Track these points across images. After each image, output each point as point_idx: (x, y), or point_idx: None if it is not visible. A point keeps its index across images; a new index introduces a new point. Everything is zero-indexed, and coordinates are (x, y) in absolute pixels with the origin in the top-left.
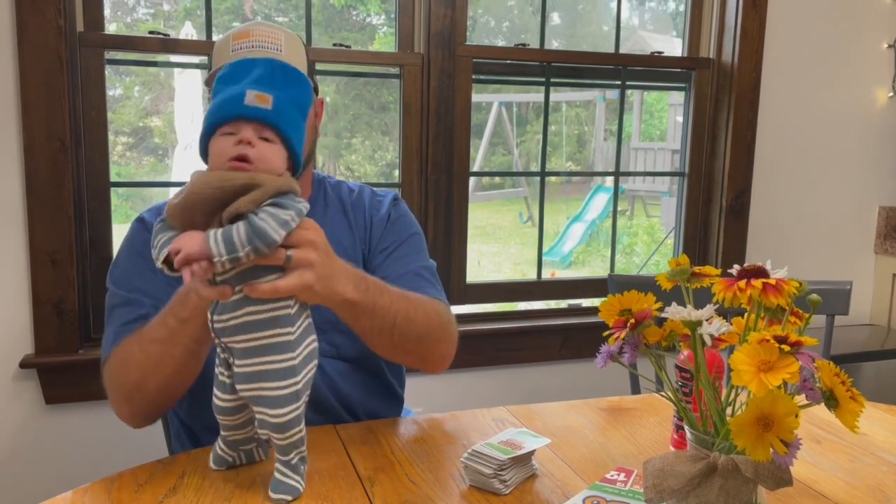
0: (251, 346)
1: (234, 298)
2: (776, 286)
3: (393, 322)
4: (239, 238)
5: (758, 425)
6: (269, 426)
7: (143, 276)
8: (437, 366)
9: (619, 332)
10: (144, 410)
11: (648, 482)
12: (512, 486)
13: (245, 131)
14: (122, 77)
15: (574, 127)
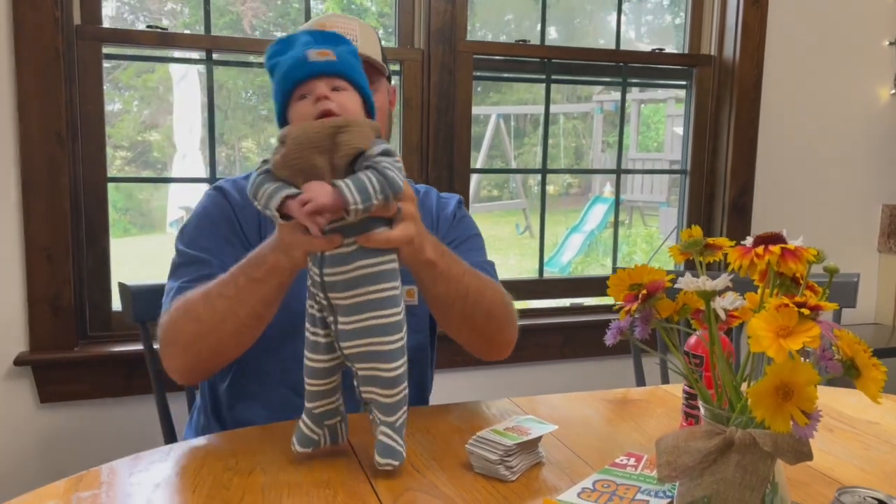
0: (362, 300)
1: (345, 251)
2: (795, 252)
3: (466, 292)
4: (372, 186)
5: (777, 395)
6: (381, 382)
7: (215, 240)
8: (501, 349)
9: (630, 304)
10: (197, 365)
11: (662, 459)
12: (518, 473)
13: (318, 87)
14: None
15: (572, 139)
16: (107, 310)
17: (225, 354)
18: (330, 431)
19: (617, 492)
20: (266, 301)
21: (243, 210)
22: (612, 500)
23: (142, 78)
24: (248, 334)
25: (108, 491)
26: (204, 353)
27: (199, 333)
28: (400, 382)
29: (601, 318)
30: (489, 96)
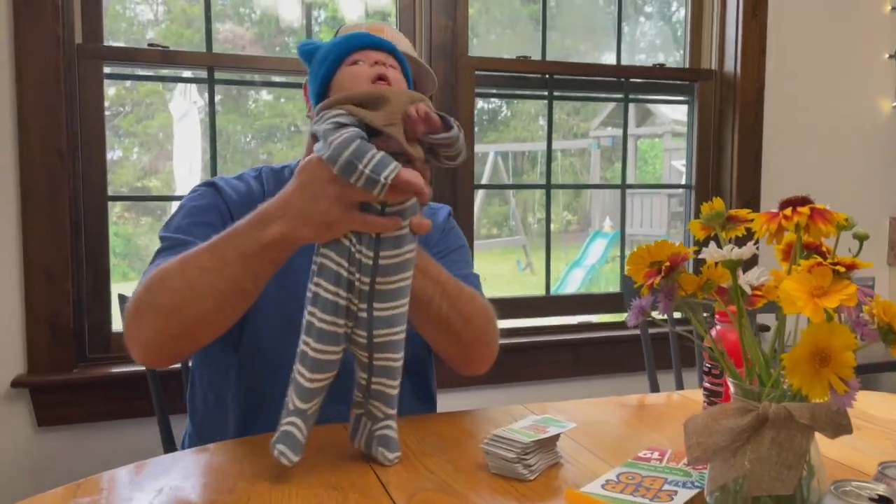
0: (401, 286)
1: (398, 234)
2: (824, 213)
3: (442, 290)
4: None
5: (813, 361)
6: (390, 372)
7: (203, 228)
8: (479, 362)
9: (653, 279)
10: (165, 344)
11: (691, 440)
12: (537, 472)
13: (377, 55)
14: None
15: (570, 176)
16: (106, 331)
17: (200, 334)
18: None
19: (643, 483)
20: (256, 278)
21: (239, 208)
22: (639, 491)
23: (142, 124)
24: (228, 312)
25: (107, 497)
26: (177, 329)
27: (173, 307)
28: (400, 374)
29: (613, 334)
30: (486, 135)
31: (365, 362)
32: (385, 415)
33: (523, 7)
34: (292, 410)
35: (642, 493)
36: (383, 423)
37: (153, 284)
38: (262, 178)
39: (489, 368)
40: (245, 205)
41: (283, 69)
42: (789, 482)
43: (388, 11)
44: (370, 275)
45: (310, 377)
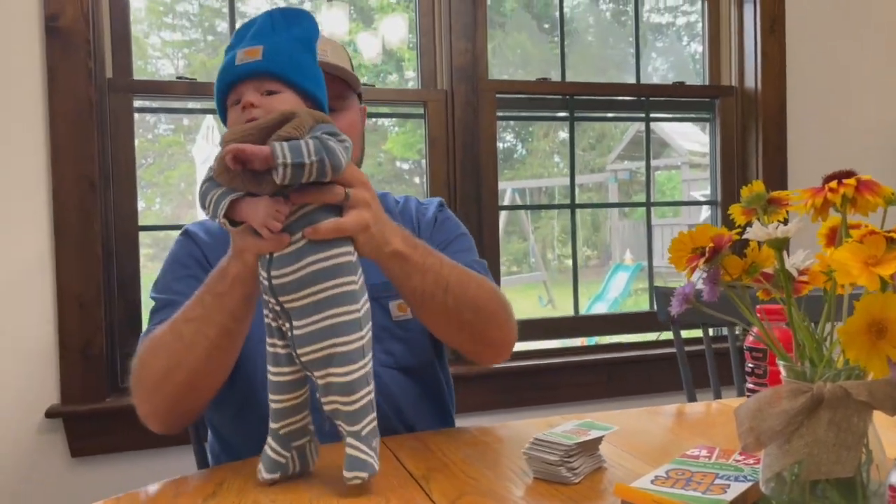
0: (316, 299)
1: (292, 249)
2: (871, 184)
3: (445, 284)
4: (307, 148)
5: (870, 333)
6: (338, 388)
7: (185, 281)
8: (497, 350)
9: (696, 262)
10: (171, 407)
11: (744, 426)
12: (581, 476)
13: (245, 94)
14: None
15: (588, 210)
16: None
17: (201, 388)
18: (298, 454)
19: (693, 478)
20: (234, 315)
21: (213, 250)
22: (690, 485)
23: (164, 175)
24: (220, 358)
25: None
26: (177, 389)
27: (168, 367)
28: (360, 387)
29: (647, 353)
30: (503, 173)
31: (315, 382)
32: (347, 432)
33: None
34: (269, 432)
35: (693, 486)
36: (347, 441)
37: (145, 356)
38: None
39: (510, 353)
40: (220, 244)
41: None
42: (849, 464)
43: (408, 41)
44: (272, 294)
45: (271, 398)
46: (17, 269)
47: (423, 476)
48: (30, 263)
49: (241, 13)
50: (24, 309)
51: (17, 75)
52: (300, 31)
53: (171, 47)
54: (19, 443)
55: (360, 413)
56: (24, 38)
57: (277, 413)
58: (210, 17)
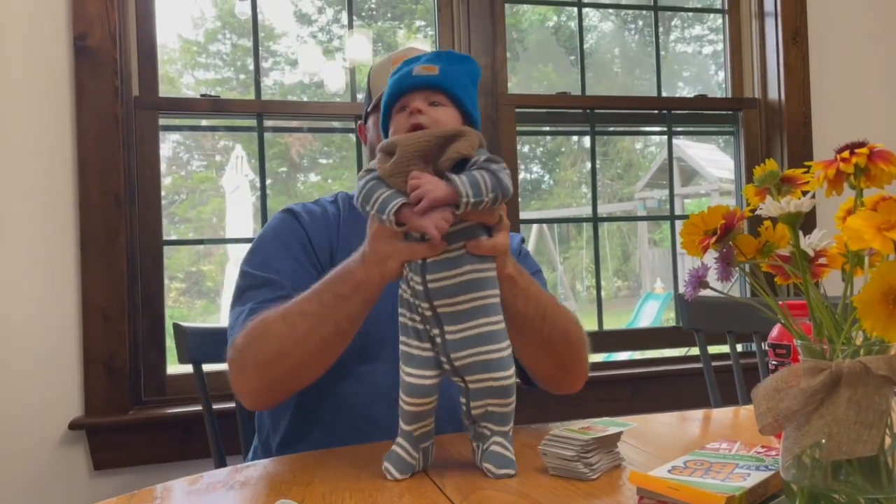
0: (471, 306)
1: (451, 256)
2: (885, 154)
3: (543, 311)
4: (485, 183)
5: (886, 302)
6: (496, 392)
7: (287, 261)
8: (576, 379)
9: (707, 241)
10: (272, 387)
11: (761, 407)
12: (599, 472)
13: (414, 101)
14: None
15: (617, 240)
16: (161, 375)
17: (303, 375)
18: (424, 455)
19: (712, 468)
20: (351, 317)
21: (316, 232)
22: (709, 475)
23: (196, 210)
24: (329, 353)
25: (161, 503)
26: (282, 373)
27: (279, 353)
28: (513, 392)
29: (672, 368)
30: (530, 204)
31: (462, 387)
32: (494, 432)
33: (560, 45)
34: (400, 432)
35: (712, 475)
36: (493, 440)
37: (256, 335)
38: (339, 202)
39: (582, 386)
40: (321, 227)
41: (327, 113)
42: (871, 442)
43: None
44: (426, 299)
45: (408, 401)
46: (43, 282)
47: (438, 473)
48: (56, 276)
49: (271, 51)
50: (50, 321)
51: (46, 93)
52: (469, 67)
53: (205, 86)
54: (42, 454)
55: (510, 416)
56: (53, 57)
57: (413, 416)
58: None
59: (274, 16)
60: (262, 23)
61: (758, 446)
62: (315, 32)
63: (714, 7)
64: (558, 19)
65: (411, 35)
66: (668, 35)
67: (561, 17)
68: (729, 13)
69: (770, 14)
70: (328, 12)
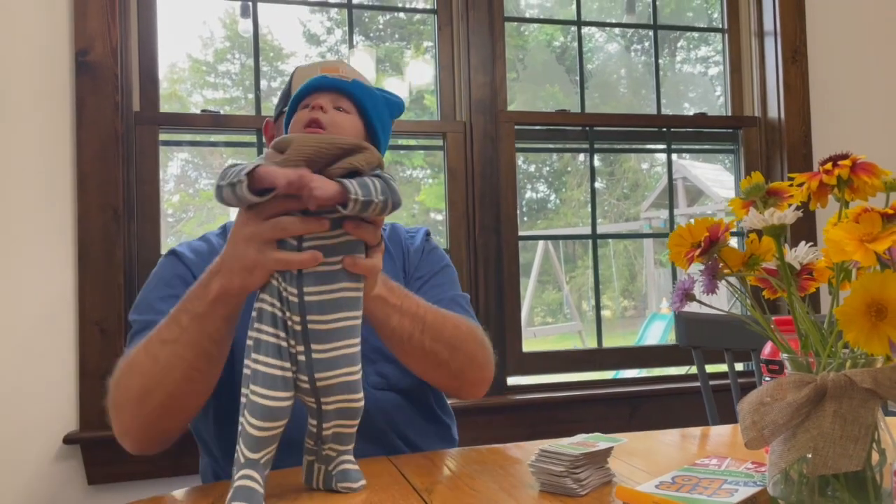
0: (342, 325)
1: (329, 269)
2: (867, 166)
3: (422, 325)
4: (374, 186)
5: (869, 314)
6: (349, 413)
7: (169, 301)
8: (473, 387)
9: (692, 253)
10: (147, 428)
11: (746, 421)
12: (589, 488)
13: (320, 99)
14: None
15: (623, 259)
16: None
17: (178, 410)
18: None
19: (700, 483)
20: (213, 338)
21: (201, 268)
22: (696, 490)
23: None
24: (199, 381)
25: None
26: (154, 409)
27: (144, 388)
28: (360, 412)
29: (671, 386)
30: (536, 224)
31: (314, 408)
32: (341, 451)
33: (566, 67)
34: (244, 463)
35: (700, 491)
36: (339, 460)
37: (121, 376)
38: (226, 232)
39: (486, 391)
40: (206, 262)
41: None
42: (857, 457)
43: (429, 88)
44: (299, 312)
45: (260, 426)
46: (40, 295)
47: (427, 489)
48: (53, 290)
49: (279, 70)
50: (46, 335)
51: (46, 107)
52: (392, 98)
53: (213, 105)
54: (37, 468)
55: (353, 436)
56: (54, 72)
57: (261, 441)
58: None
59: (283, 36)
60: (272, 43)
61: (748, 462)
62: (324, 53)
63: (714, 26)
64: (564, 40)
65: (419, 55)
66: (674, 57)
67: (567, 38)
68: (728, 32)
69: (770, 33)
70: (336, 33)
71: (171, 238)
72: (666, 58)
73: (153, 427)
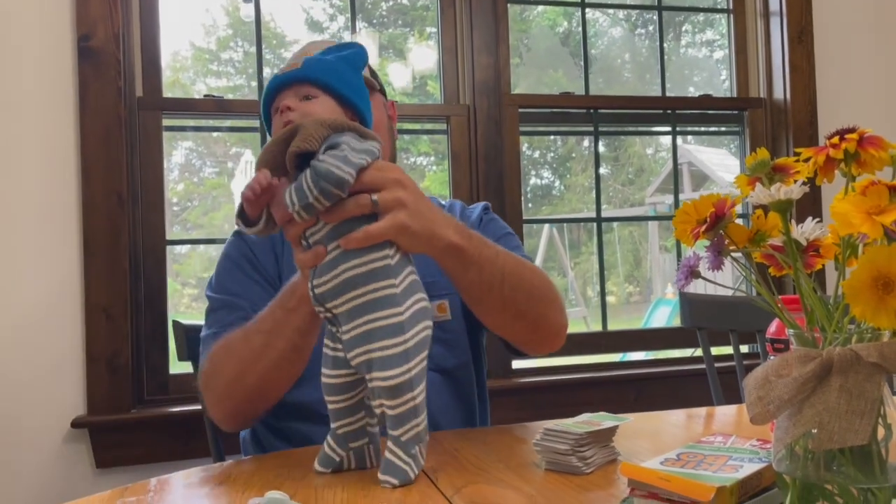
0: (354, 305)
1: (330, 257)
2: (875, 139)
3: (501, 275)
4: (306, 184)
5: (876, 287)
6: (381, 392)
7: (240, 282)
8: (552, 337)
9: (698, 229)
10: (240, 407)
11: (752, 397)
12: (594, 466)
13: (284, 99)
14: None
15: (628, 245)
16: (164, 374)
17: (267, 393)
18: (356, 455)
19: (705, 460)
20: (301, 330)
21: (262, 249)
22: (701, 466)
23: (208, 216)
24: (287, 368)
25: (153, 497)
26: (246, 393)
27: (239, 372)
28: (402, 392)
29: (676, 368)
30: (540, 210)
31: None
32: (389, 435)
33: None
34: (330, 429)
35: (704, 467)
36: (387, 443)
37: (220, 357)
38: None
39: (564, 340)
40: (266, 244)
41: None
42: (863, 431)
43: (432, 73)
44: (317, 302)
45: (327, 399)
46: (46, 281)
47: (432, 468)
48: (59, 275)
49: (282, 58)
50: (53, 320)
51: (49, 93)
52: (347, 52)
53: (217, 92)
54: (45, 452)
55: (402, 417)
56: (56, 58)
57: (333, 413)
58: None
59: (286, 23)
60: (274, 30)
61: (753, 440)
62: None
63: (719, 7)
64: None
65: (422, 41)
66: (679, 41)
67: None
68: (734, 12)
69: (775, 13)
70: (339, 19)
71: (176, 227)
72: (671, 42)
73: (245, 408)
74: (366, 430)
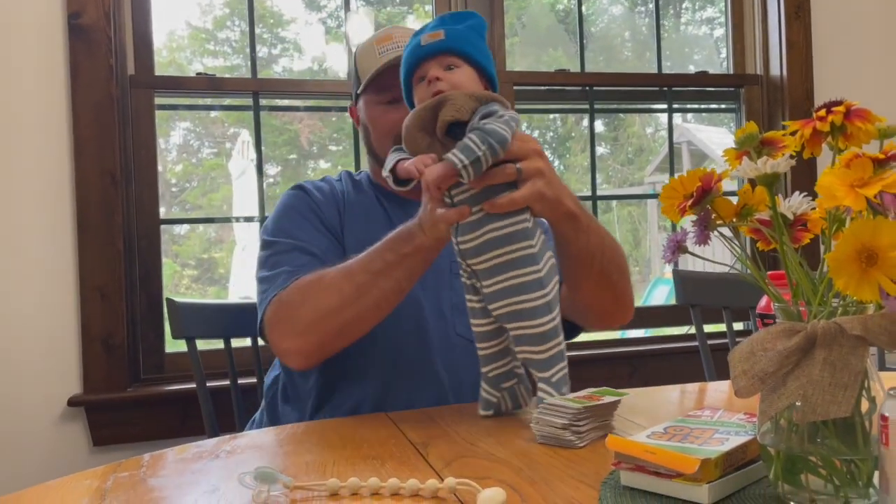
0: (496, 262)
1: (474, 218)
2: (862, 112)
3: (602, 245)
4: (473, 143)
5: (859, 260)
6: (529, 339)
7: (308, 232)
8: (627, 309)
9: (685, 204)
10: (323, 342)
11: (736, 370)
12: (587, 441)
13: (430, 69)
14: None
15: (627, 224)
16: (160, 352)
17: (356, 330)
18: (510, 395)
19: (692, 433)
20: (412, 276)
21: (326, 207)
22: (687, 440)
23: (207, 197)
24: (385, 309)
25: (146, 471)
26: (338, 326)
27: (338, 306)
28: (550, 338)
29: (671, 346)
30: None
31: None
32: (539, 378)
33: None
34: (481, 374)
35: (691, 440)
36: (540, 387)
37: (312, 291)
38: (343, 180)
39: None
40: (330, 203)
41: (325, 91)
42: (845, 403)
43: None
44: (461, 258)
45: (477, 345)
46: (40, 261)
47: (423, 443)
48: (53, 255)
49: (280, 38)
50: (48, 299)
51: (41, 72)
52: (472, 22)
53: (215, 72)
54: (42, 431)
55: (551, 361)
56: (47, 36)
57: (484, 359)
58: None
59: (282, 1)
60: (271, 9)
61: (740, 413)
62: (324, 18)
63: None
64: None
65: (419, 18)
66: (679, 19)
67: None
68: None
69: None
70: None
71: (175, 208)
72: (671, 19)
73: (328, 343)
74: (514, 372)
